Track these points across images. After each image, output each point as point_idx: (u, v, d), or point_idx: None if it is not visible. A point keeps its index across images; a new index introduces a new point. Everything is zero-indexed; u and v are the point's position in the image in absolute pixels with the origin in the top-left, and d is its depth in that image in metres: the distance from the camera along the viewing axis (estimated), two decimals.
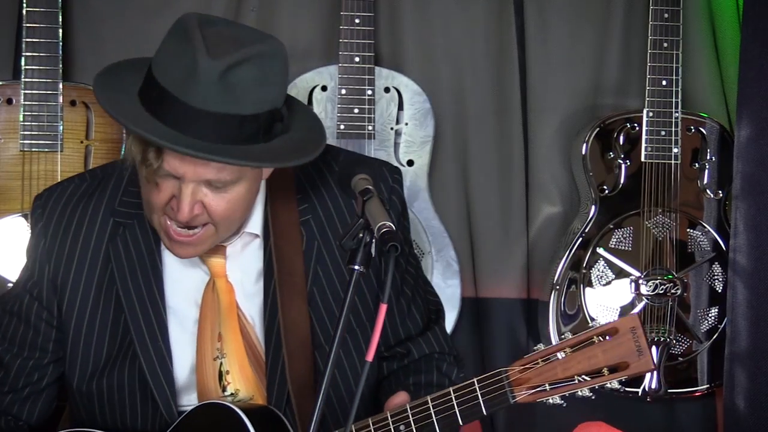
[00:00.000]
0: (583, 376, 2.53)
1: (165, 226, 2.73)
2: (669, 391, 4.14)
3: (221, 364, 2.87)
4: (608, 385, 2.54)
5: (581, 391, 2.53)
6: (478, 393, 2.57)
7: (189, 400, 2.88)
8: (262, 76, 2.60)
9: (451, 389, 2.59)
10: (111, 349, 2.89)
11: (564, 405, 2.56)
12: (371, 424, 2.63)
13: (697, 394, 4.21)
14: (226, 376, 2.86)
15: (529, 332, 4.34)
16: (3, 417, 2.95)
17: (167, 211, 2.70)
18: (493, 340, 4.32)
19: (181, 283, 2.90)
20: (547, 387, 2.53)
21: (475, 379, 2.58)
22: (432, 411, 2.59)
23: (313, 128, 2.82)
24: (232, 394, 2.87)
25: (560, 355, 2.54)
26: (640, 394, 4.12)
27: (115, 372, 2.89)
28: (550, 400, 2.55)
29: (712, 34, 4.29)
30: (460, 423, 2.59)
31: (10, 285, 3.80)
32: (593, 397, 2.55)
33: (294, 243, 2.88)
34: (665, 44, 4.09)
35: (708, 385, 4.19)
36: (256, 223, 2.88)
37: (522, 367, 2.54)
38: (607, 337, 2.51)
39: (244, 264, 2.90)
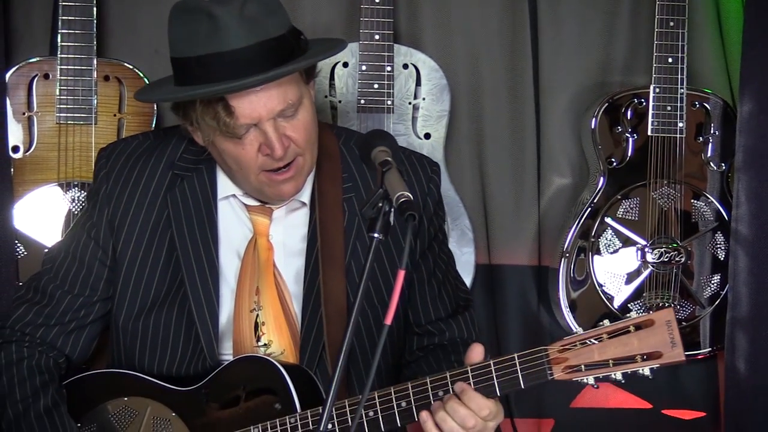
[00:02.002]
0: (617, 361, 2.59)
1: (265, 178, 2.90)
2: None
3: (257, 315, 3.00)
4: (640, 372, 2.58)
5: (614, 374, 2.57)
6: (518, 368, 2.63)
7: (225, 348, 3.01)
8: (268, 7, 2.80)
9: (491, 362, 2.65)
10: (159, 289, 3.03)
11: (596, 387, 2.62)
12: (410, 388, 2.70)
13: (699, 357, 4.26)
14: (262, 327, 2.99)
15: (540, 297, 4.40)
16: (45, 353, 3.07)
17: (261, 162, 2.86)
18: (505, 304, 4.37)
19: (228, 236, 3.05)
20: (583, 368, 2.59)
21: (515, 355, 2.64)
22: (471, 381, 2.66)
23: (324, 40, 3.04)
24: (265, 344, 2.99)
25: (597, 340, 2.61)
26: None
27: (163, 312, 3.03)
28: (585, 380, 2.61)
29: (716, 13, 4.31)
30: (498, 394, 2.66)
31: (47, 251, 3.98)
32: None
33: (336, 217, 3.01)
34: (671, 23, 4.11)
35: (710, 349, 4.24)
36: (305, 192, 3.04)
37: (561, 347, 2.61)
38: (643, 328, 2.58)
39: (287, 228, 3.05)
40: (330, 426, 2.73)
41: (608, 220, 4.19)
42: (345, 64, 4.15)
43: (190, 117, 2.89)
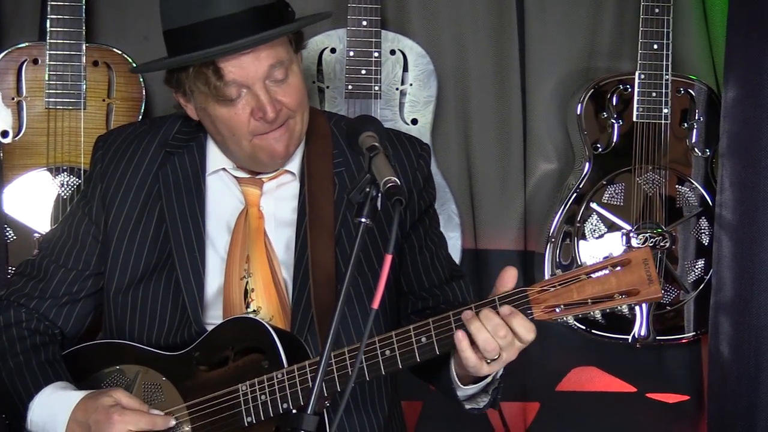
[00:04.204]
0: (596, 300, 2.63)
1: (258, 142, 2.96)
2: (657, 338, 4.22)
3: (247, 282, 3.03)
4: (618, 308, 2.61)
5: (593, 313, 2.64)
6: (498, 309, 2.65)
7: (213, 317, 3.04)
8: None
9: (472, 304, 2.68)
10: (149, 261, 3.08)
11: (575, 327, 2.64)
12: (393, 336, 2.73)
13: (683, 341, 4.30)
14: (251, 293, 3.03)
15: (525, 282, 4.24)
16: (42, 322, 3.12)
17: (253, 127, 2.92)
18: (491, 289, 4.19)
19: (218, 209, 3.10)
20: (562, 307, 2.63)
21: (496, 297, 2.68)
22: (453, 324, 2.69)
23: (316, 13, 3.11)
24: (254, 310, 3.03)
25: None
26: (630, 341, 4.19)
27: (151, 282, 3.07)
28: (564, 319, 2.66)
29: (701, 1, 4.34)
30: None
31: (36, 235, 3.98)
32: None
33: (327, 189, 3.06)
34: (657, 10, 4.15)
35: (694, 333, 4.28)
36: (294, 164, 3.09)
37: (540, 288, 2.65)
38: (621, 267, 2.62)
39: (278, 200, 3.09)
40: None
41: (593, 205, 4.23)
42: (333, 50, 4.17)
43: (183, 86, 2.97)
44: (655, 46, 4.18)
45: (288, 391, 2.82)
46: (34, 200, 4.02)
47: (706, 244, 4.25)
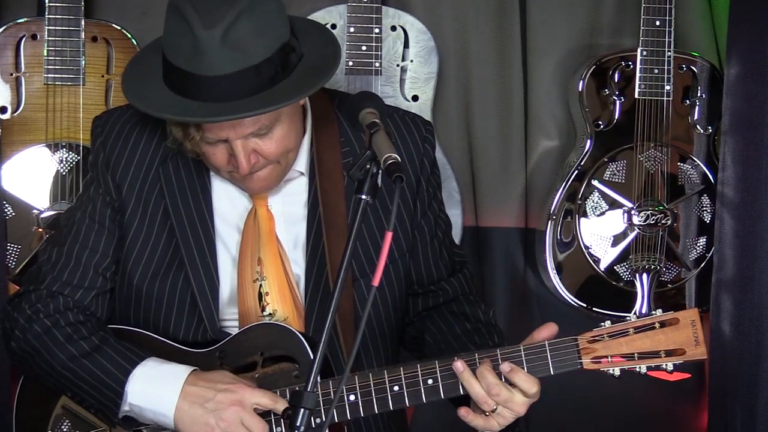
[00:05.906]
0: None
1: (235, 177, 2.91)
2: None
3: (261, 285, 2.99)
4: (663, 365, 2.74)
5: (639, 367, 2.75)
6: (548, 354, 2.75)
7: (231, 314, 3.01)
8: (260, 23, 2.72)
9: (521, 348, 2.75)
10: (163, 256, 3.02)
11: (621, 378, 2.75)
12: (437, 366, 2.77)
13: None
14: (266, 297, 2.99)
15: (527, 260, 4.43)
16: (86, 311, 3.03)
17: (231, 168, 2.87)
18: (492, 266, 4.40)
19: (226, 209, 3.04)
20: (610, 359, 2.74)
21: (546, 342, 2.74)
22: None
23: (327, 43, 2.95)
24: (270, 314, 2.99)
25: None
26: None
27: (168, 279, 3.01)
28: (611, 371, 2.75)
29: None
30: None
31: (35, 211, 3.98)
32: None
33: (337, 183, 3.02)
34: None
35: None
36: (301, 162, 3.02)
37: (591, 338, 2.74)
38: (669, 325, 2.72)
39: (286, 197, 3.04)
40: (352, 397, 2.79)
41: (595, 182, 4.22)
42: (333, 26, 4.14)
43: None
44: (658, 23, 4.15)
45: (321, 407, 2.81)
46: (33, 176, 4.01)
47: (707, 221, 4.25)
